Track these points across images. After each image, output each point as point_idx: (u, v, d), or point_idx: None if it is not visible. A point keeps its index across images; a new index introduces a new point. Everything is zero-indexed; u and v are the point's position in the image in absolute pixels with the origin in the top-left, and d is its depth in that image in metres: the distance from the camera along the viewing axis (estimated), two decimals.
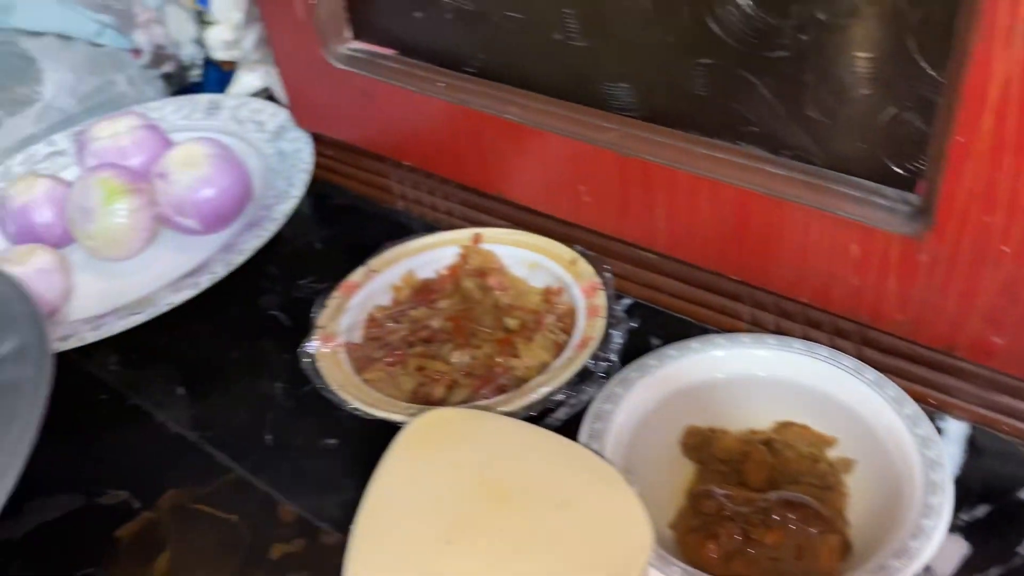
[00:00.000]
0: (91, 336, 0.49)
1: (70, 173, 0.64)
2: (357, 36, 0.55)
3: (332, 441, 0.47)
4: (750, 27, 0.37)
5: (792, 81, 0.38)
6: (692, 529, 0.35)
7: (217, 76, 0.85)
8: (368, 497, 0.32)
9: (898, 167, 0.37)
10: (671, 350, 0.41)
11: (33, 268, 0.54)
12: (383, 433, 0.44)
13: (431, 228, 0.61)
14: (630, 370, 0.41)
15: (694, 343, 0.41)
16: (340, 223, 0.63)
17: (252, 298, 0.57)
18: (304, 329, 0.54)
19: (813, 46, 0.36)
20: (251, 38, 0.69)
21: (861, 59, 0.36)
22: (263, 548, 0.42)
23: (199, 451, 0.47)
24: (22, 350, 0.42)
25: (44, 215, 0.59)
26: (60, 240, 0.60)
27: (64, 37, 0.73)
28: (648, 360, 0.41)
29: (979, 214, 0.34)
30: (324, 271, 0.58)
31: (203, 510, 0.44)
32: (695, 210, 0.43)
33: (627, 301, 0.51)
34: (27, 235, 0.60)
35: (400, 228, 0.62)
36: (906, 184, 0.37)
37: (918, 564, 0.31)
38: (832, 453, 0.38)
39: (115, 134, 0.61)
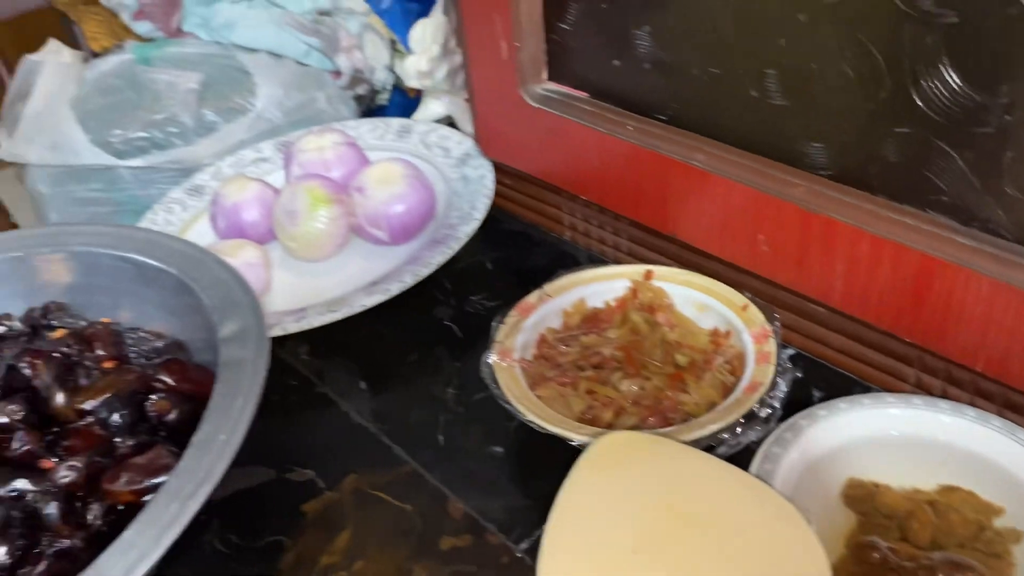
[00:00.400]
0: (293, 327, 0.55)
1: (273, 178, 0.71)
2: (552, 78, 0.59)
3: (498, 449, 0.50)
4: (955, 102, 0.39)
5: (991, 157, 0.39)
6: None
7: (400, 101, 0.91)
8: (558, 504, 0.35)
9: None
10: (841, 403, 0.43)
11: (242, 261, 0.60)
12: (547, 447, 0.47)
13: (596, 260, 0.64)
14: (800, 417, 0.42)
15: (865, 399, 0.43)
16: (509, 247, 0.67)
17: (428, 308, 0.61)
18: (475, 342, 0.58)
19: (1019, 125, 0.38)
20: (443, 70, 0.75)
21: None
22: (433, 538, 0.45)
23: (378, 442, 0.51)
24: (243, 332, 0.48)
25: (252, 214, 0.66)
26: (262, 238, 0.66)
27: (275, 55, 0.81)
28: (818, 410, 0.42)
29: None
30: (494, 290, 0.63)
31: (381, 496, 0.48)
32: (876, 270, 0.44)
33: (790, 351, 0.52)
34: (234, 231, 0.66)
35: (566, 257, 0.65)
36: None
37: None
38: (999, 522, 0.39)
39: (320, 148, 0.68)
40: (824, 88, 0.44)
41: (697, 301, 0.52)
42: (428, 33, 0.74)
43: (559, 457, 0.47)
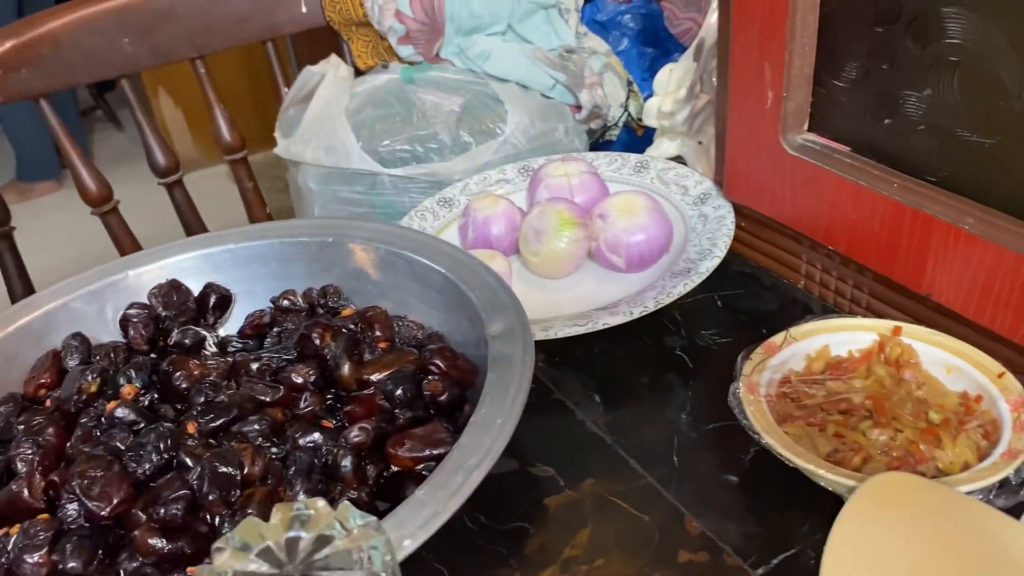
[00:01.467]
0: (541, 335, 0.59)
1: (514, 198, 0.77)
2: (812, 129, 0.61)
3: (732, 477, 0.52)
4: None
5: None
6: None
7: (627, 138, 0.96)
8: (834, 538, 0.36)
9: None
10: None
11: (495, 269, 0.66)
12: (783, 482, 0.49)
13: (830, 309, 0.65)
14: None
15: None
16: (740, 288, 0.69)
17: (658, 336, 0.64)
18: (705, 373, 0.60)
19: None
20: (685, 112, 0.78)
21: None
22: (671, 551, 0.47)
23: (614, 453, 0.54)
24: (510, 331, 0.52)
25: (499, 228, 0.72)
26: (504, 251, 0.72)
27: (523, 86, 0.87)
28: None
29: None
30: (724, 327, 0.65)
31: (619, 503, 0.51)
32: None
33: None
34: (481, 242, 0.72)
35: (797, 304, 0.66)
36: None
37: None
38: None
39: (567, 174, 0.73)
40: None
41: (947, 363, 0.52)
42: (676, 76, 0.78)
43: (796, 492, 0.49)
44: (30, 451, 0.49)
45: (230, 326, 0.64)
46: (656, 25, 0.97)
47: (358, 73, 0.96)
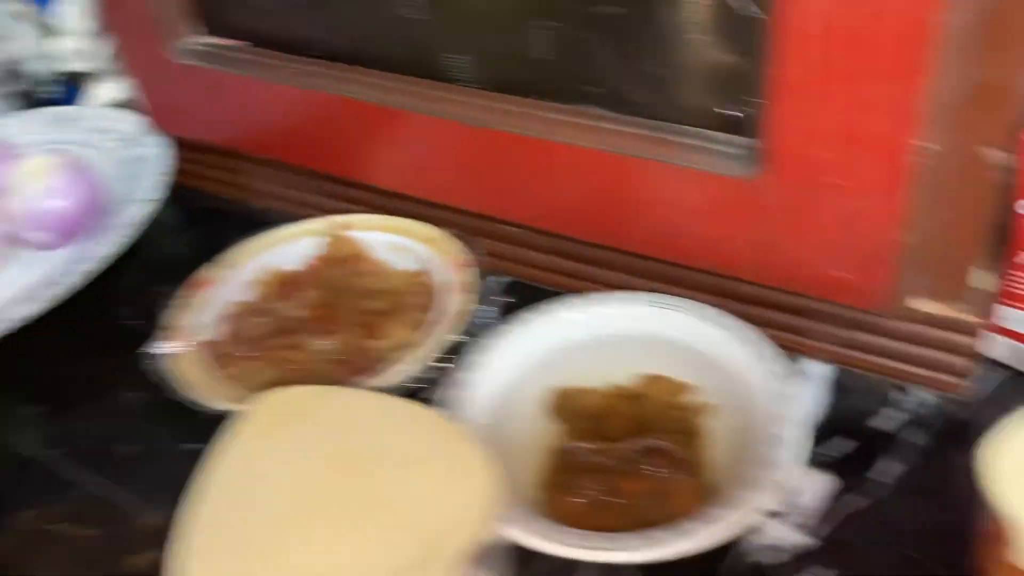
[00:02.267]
0: None
1: None
2: (203, 31, 0.53)
3: (196, 445, 0.44)
4: None
5: (627, 37, 0.38)
6: (557, 486, 0.34)
7: (76, 92, 0.81)
8: (202, 481, 0.31)
9: (730, 111, 0.38)
10: (527, 314, 0.41)
11: None
12: None
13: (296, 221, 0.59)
14: (487, 338, 0.40)
15: (550, 305, 0.41)
16: (202, 227, 0.61)
17: (112, 309, 0.54)
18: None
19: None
20: (107, 48, 0.66)
21: (689, 6, 0.36)
22: (119, 561, 0.39)
23: (55, 470, 0.44)
24: None
25: None
26: None
27: None
28: (504, 326, 0.41)
29: (810, 150, 0.35)
30: (181, 279, 0.56)
31: (62, 528, 0.41)
32: (547, 176, 0.43)
33: (504, 280, 0.50)
34: None
35: (263, 226, 0.60)
36: (740, 128, 0.38)
37: (765, 493, 0.31)
38: (692, 399, 0.39)
39: None
40: None
41: (393, 244, 0.49)
42: (77, 8, 0.66)
43: None
44: None
45: None
46: None
47: None
